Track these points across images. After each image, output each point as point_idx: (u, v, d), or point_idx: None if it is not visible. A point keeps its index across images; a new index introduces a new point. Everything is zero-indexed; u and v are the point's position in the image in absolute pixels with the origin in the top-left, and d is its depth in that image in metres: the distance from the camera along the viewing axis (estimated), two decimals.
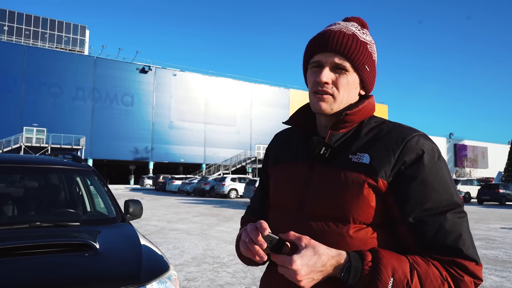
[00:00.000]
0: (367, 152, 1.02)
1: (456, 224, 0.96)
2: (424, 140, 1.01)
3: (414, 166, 0.98)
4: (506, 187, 27.68)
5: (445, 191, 0.98)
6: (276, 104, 61.32)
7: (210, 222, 13.10)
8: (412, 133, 1.02)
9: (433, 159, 1.00)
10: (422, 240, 0.96)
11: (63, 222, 3.06)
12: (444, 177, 0.99)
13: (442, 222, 0.95)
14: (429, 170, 0.98)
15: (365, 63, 1.07)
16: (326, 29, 1.09)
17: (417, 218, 0.96)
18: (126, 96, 50.94)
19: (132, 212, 3.49)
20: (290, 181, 1.12)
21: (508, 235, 11.13)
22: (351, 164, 1.02)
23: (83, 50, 55.46)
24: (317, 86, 1.06)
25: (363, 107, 1.08)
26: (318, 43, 1.07)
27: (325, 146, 1.06)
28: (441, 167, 1.00)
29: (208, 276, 5.83)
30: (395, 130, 1.04)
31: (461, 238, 0.95)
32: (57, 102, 46.62)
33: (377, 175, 0.99)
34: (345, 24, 1.10)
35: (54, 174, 3.80)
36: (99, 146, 47.95)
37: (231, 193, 28.01)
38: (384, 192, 0.99)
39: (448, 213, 0.96)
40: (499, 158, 66.62)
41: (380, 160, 1.00)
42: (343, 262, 0.90)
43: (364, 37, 1.09)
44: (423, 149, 1.00)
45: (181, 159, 53.90)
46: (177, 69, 55.24)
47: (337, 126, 1.08)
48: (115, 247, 2.63)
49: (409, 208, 0.97)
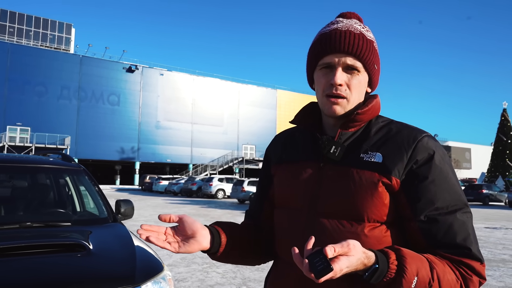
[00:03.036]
0: (379, 151, 1.03)
1: (465, 224, 0.98)
2: (433, 141, 1.04)
3: (426, 165, 1.00)
4: (489, 188, 28.18)
5: (454, 191, 1.00)
6: (264, 105, 61.35)
7: None
8: (422, 133, 1.04)
9: (443, 159, 1.02)
10: (433, 238, 0.97)
11: (54, 222, 3.03)
12: (452, 178, 1.02)
13: (452, 221, 0.97)
14: (439, 170, 1.00)
15: (374, 62, 1.07)
16: (332, 29, 1.07)
17: (428, 217, 0.98)
18: (113, 96, 50.43)
19: (124, 212, 3.47)
20: (299, 180, 1.11)
21: (492, 235, 11.34)
22: (364, 163, 1.02)
23: (68, 48, 54.69)
24: (330, 88, 1.05)
25: (372, 106, 1.08)
26: (327, 44, 1.05)
27: (335, 145, 1.05)
28: (449, 167, 1.03)
29: (197, 277, 5.81)
30: (405, 129, 1.05)
31: (469, 237, 0.97)
32: (42, 101, 45.92)
33: (390, 173, 1.00)
34: (348, 22, 1.08)
35: (43, 174, 3.75)
36: (85, 146, 47.35)
37: (219, 194, 27.94)
38: (397, 191, 1.01)
39: (457, 212, 0.98)
40: (482, 159, 67.77)
41: (393, 159, 1.01)
42: (370, 265, 0.88)
43: (370, 35, 1.08)
44: (433, 149, 1.02)
45: (167, 159, 53.57)
46: (164, 69, 54.90)
47: (347, 125, 1.07)
48: (108, 248, 2.61)
49: (421, 206, 0.98)
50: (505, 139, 37.37)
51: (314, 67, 1.11)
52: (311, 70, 1.13)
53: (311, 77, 1.14)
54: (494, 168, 37.66)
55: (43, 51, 48.01)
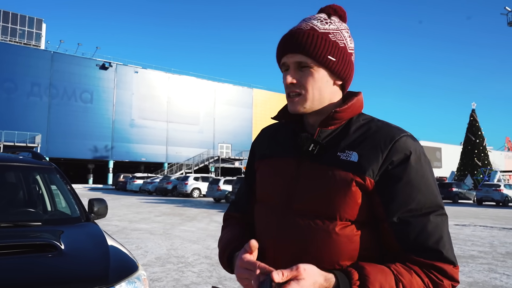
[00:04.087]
0: (356, 150, 1.02)
1: (438, 226, 0.97)
2: (412, 141, 1.03)
3: (401, 166, 0.99)
4: (459, 186, 29.05)
5: (429, 193, 0.99)
6: (240, 104, 61.31)
7: (173, 221, 12.93)
8: (400, 133, 1.03)
9: (420, 160, 1.01)
10: (405, 240, 0.97)
11: (24, 222, 2.93)
12: (429, 179, 1.01)
13: (425, 224, 0.96)
14: (415, 171, 0.99)
15: (327, 54, 1.05)
16: (288, 31, 1.10)
17: (401, 218, 0.97)
18: (85, 93, 49.37)
19: (97, 211, 3.39)
20: (278, 176, 1.11)
21: (461, 232, 11.68)
22: (340, 161, 1.02)
23: (39, 44, 53.06)
24: (288, 88, 1.08)
25: (352, 104, 1.08)
26: (280, 46, 1.09)
27: (314, 143, 1.06)
28: (426, 168, 1.01)
29: (173, 276, 5.75)
30: (384, 129, 1.05)
31: (442, 240, 0.96)
32: (11, 98, 44.51)
33: (365, 173, 0.99)
34: (308, 19, 1.09)
35: (12, 172, 3.63)
36: (56, 144, 46.20)
37: (194, 192, 27.77)
38: (371, 191, 1.00)
39: (431, 214, 0.98)
40: (452, 158, 69.62)
41: (368, 159, 1.00)
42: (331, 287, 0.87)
43: (326, 27, 1.06)
44: (410, 149, 1.00)
45: (142, 158, 52.85)
46: (139, 66, 54.14)
47: (326, 123, 1.07)
48: (80, 247, 2.54)
49: (394, 207, 0.98)
50: (473, 139, 38.54)
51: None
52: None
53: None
54: (463, 167, 38.80)
55: (12, 46, 46.50)
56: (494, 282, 5.81)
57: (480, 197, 26.69)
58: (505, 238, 10.58)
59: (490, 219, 16.15)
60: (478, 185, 33.14)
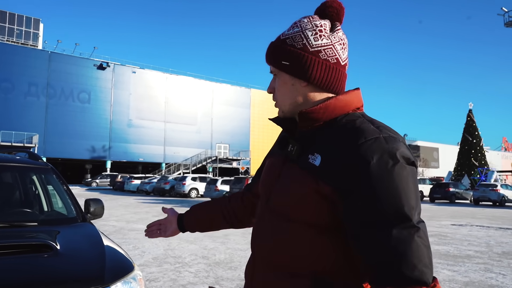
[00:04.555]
0: (321, 153, 0.98)
1: (402, 242, 0.84)
2: (380, 145, 0.91)
3: (360, 174, 0.89)
4: (456, 186, 29.11)
5: (394, 203, 0.87)
6: (238, 104, 61.31)
7: None
8: (370, 135, 0.93)
9: (386, 167, 0.88)
10: (366, 255, 0.89)
11: (20, 222, 2.93)
12: (395, 187, 0.88)
13: (384, 239, 0.86)
14: (377, 179, 0.88)
15: (280, 60, 1.07)
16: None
17: (356, 233, 0.90)
18: (83, 93, 49.29)
19: (93, 211, 3.39)
20: (267, 175, 1.17)
21: (458, 231, 11.71)
22: (306, 164, 1.01)
23: (36, 44, 52.96)
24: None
25: (325, 104, 1.03)
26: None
27: (292, 144, 1.08)
28: (395, 175, 0.88)
29: (170, 276, 5.75)
30: (356, 130, 0.95)
31: (403, 257, 0.84)
32: (8, 98, 44.40)
33: (323, 179, 0.95)
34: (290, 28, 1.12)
35: (8, 172, 3.62)
36: (53, 145, 46.10)
37: (192, 193, 27.74)
38: (332, 198, 0.95)
39: (394, 228, 0.86)
40: (449, 158, 69.79)
41: (328, 164, 0.95)
42: None
43: (287, 33, 1.08)
44: (374, 155, 0.89)
45: (140, 158, 52.80)
46: (136, 66, 54.09)
47: (301, 124, 1.07)
48: (76, 248, 2.54)
49: (351, 220, 0.91)
50: (470, 139, 38.62)
51: None
52: None
53: None
54: (460, 167, 38.86)
55: (9, 46, 46.40)
56: (490, 281, 5.83)
57: (477, 197, 26.77)
58: (501, 238, 10.61)
59: (486, 219, 16.19)
60: (475, 185, 33.21)
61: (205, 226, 1.48)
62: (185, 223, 1.49)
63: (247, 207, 1.40)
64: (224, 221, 1.44)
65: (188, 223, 1.49)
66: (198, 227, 1.49)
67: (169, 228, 1.52)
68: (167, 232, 1.52)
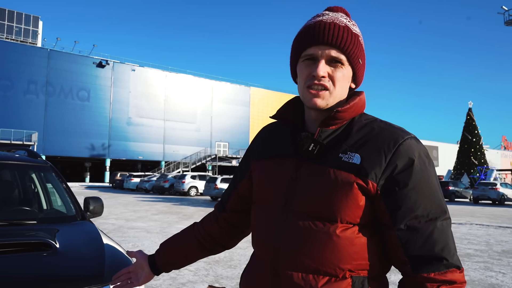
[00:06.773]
0: (358, 152, 0.99)
1: (444, 232, 0.96)
2: (416, 144, 1.00)
3: (406, 171, 0.96)
4: (455, 185, 29.15)
5: (435, 198, 0.97)
6: (237, 102, 61.29)
7: (170, 220, 12.92)
8: (404, 135, 1.00)
9: (424, 164, 0.98)
10: (410, 248, 0.95)
11: (19, 220, 2.92)
12: (434, 183, 0.98)
13: (432, 230, 0.95)
14: (420, 176, 0.97)
15: (359, 56, 1.05)
16: (317, 20, 1.04)
17: (408, 225, 0.95)
18: (82, 91, 49.24)
19: (93, 209, 3.38)
20: (276, 177, 1.09)
21: (457, 230, 11.71)
22: (341, 163, 0.99)
23: (35, 42, 52.83)
24: (312, 80, 1.02)
25: (354, 104, 1.04)
26: (311, 35, 1.02)
27: (314, 143, 1.03)
28: (431, 172, 0.99)
29: (169, 275, 5.74)
30: (387, 130, 1.01)
31: (447, 246, 0.95)
32: (7, 96, 44.35)
33: (367, 176, 0.97)
34: (334, 15, 1.05)
35: (7, 170, 3.61)
36: (53, 142, 46.07)
37: (191, 191, 27.75)
38: (374, 195, 0.98)
39: (437, 220, 0.96)
40: (448, 157, 69.84)
41: (371, 162, 0.97)
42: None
43: (355, 29, 1.05)
44: (415, 153, 0.98)
45: (139, 156, 52.78)
46: (136, 64, 54.02)
47: (327, 123, 1.04)
48: (76, 246, 2.53)
49: (400, 214, 0.96)
50: (470, 138, 38.64)
51: (297, 59, 1.07)
52: (294, 62, 1.09)
53: (294, 70, 1.11)
54: (460, 166, 38.89)
55: (8, 44, 46.30)
56: (490, 280, 5.83)
57: (477, 195, 26.80)
58: (501, 236, 10.62)
59: (486, 217, 16.21)
60: (474, 183, 33.23)
61: (182, 261, 1.33)
62: (159, 264, 1.32)
63: (224, 228, 1.29)
64: (203, 248, 1.31)
65: (162, 263, 1.32)
66: (174, 263, 1.32)
67: (141, 274, 1.33)
68: (139, 280, 1.32)
